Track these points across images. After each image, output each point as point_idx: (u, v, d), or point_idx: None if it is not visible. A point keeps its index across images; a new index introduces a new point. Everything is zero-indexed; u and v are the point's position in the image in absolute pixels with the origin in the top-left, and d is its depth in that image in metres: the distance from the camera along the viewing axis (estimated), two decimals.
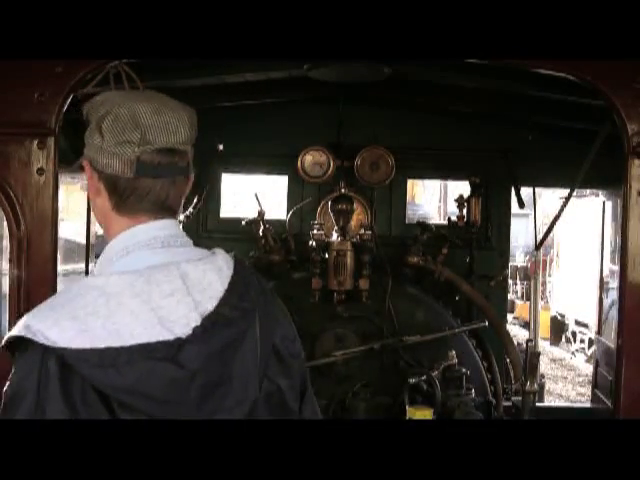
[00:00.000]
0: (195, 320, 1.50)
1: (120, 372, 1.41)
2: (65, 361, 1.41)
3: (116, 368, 1.41)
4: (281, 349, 1.69)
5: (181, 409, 1.49)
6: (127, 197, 1.59)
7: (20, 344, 1.44)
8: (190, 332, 1.48)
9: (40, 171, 2.55)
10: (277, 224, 4.45)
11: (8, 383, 1.46)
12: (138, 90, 1.70)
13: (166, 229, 1.63)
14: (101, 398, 1.44)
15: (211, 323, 1.51)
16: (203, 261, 1.62)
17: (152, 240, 1.60)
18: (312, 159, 4.30)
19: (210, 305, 1.53)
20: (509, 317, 16.35)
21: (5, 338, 1.47)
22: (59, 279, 2.70)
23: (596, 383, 4.68)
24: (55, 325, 1.42)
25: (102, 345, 1.41)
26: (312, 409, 1.80)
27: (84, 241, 4.53)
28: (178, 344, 1.46)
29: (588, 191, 11.46)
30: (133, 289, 1.47)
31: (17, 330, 1.43)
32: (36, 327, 1.42)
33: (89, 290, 1.47)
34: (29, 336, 1.41)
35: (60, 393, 1.42)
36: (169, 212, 1.64)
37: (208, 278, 1.58)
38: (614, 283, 4.49)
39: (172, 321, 1.47)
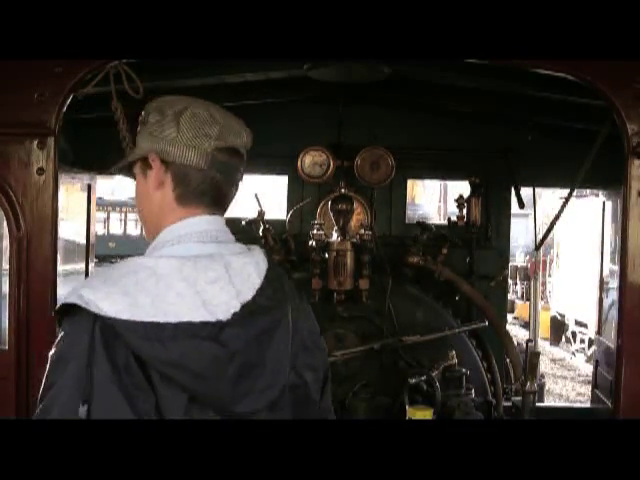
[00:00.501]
0: (235, 307, 1.61)
1: (165, 346, 1.51)
2: (114, 331, 1.51)
3: (161, 342, 1.52)
4: (308, 342, 1.80)
5: (219, 385, 1.58)
6: (194, 188, 1.70)
7: (71, 311, 1.55)
8: (230, 317, 1.59)
9: (40, 171, 2.55)
10: (277, 224, 4.45)
11: (55, 348, 1.56)
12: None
13: (216, 224, 1.75)
14: (143, 370, 1.53)
15: (249, 311, 1.63)
16: (243, 255, 1.73)
17: (203, 233, 1.71)
18: (312, 159, 4.29)
19: (249, 295, 1.65)
20: (509, 317, 16.35)
21: (59, 304, 1.58)
22: (59, 279, 2.71)
23: (596, 383, 4.68)
24: (107, 298, 1.53)
25: (149, 320, 1.52)
26: (327, 403, 1.89)
27: (83, 241, 4.53)
28: (219, 326, 1.57)
29: (588, 191, 11.46)
30: (181, 273, 1.58)
31: (72, 298, 1.54)
32: (89, 297, 1.53)
33: (140, 269, 1.59)
34: (82, 304, 1.52)
35: (106, 359, 1.51)
36: (221, 209, 1.77)
37: (247, 270, 1.69)
38: (614, 283, 4.49)
39: (215, 305, 1.58)
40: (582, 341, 16.50)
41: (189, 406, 1.58)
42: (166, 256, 1.65)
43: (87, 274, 4.50)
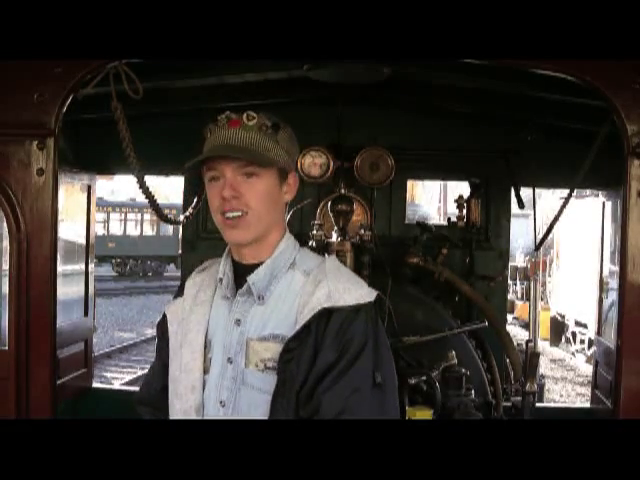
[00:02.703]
0: None
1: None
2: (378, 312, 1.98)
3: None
4: None
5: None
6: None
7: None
8: None
9: (40, 172, 2.55)
10: None
11: (354, 332, 1.89)
12: None
13: None
14: None
15: None
16: None
17: None
18: (312, 160, 4.29)
19: None
20: (509, 317, 16.36)
21: (372, 295, 1.97)
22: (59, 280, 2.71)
23: (596, 383, 4.67)
24: (371, 291, 1.99)
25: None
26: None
27: (83, 241, 4.53)
28: None
29: (588, 191, 11.48)
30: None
31: (372, 294, 1.97)
32: (371, 289, 1.99)
33: (340, 266, 2.08)
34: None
35: (382, 331, 1.99)
36: None
37: None
38: (614, 283, 4.49)
39: None
40: (582, 341, 16.50)
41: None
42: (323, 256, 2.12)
43: (87, 274, 4.50)
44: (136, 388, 2.79)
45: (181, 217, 3.31)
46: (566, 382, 14.23)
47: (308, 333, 1.87)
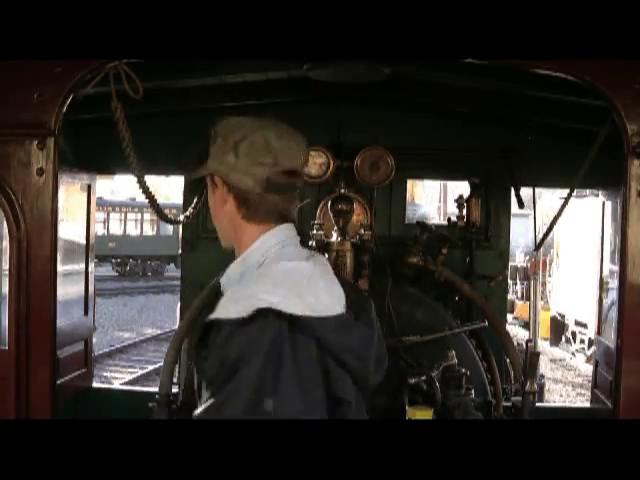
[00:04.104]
0: (343, 297, 1.82)
1: (345, 334, 1.75)
2: (299, 328, 1.69)
3: (347, 331, 1.76)
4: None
5: (368, 363, 1.83)
6: (256, 209, 1.88)
7: (255, 315, 1.67)
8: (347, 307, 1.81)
9: (40, 171, 2.55)
10: None
11: (232, 347, 1.66)
12: (262, 118, 1.94)
13: (291, 231, 1.94)
14: (320, 358, 1.72)
15: (349, 301, 1.83)
16: (315, 255, 1.97)
17: (289, 239, 1.91)
18: (312, 159, 4.29)
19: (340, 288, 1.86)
20: (509, 317, 16.35)
21: (248, 310, 1.67)
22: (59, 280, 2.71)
23: (596, 383, 4.67)
24: (285, 299, 1.69)
25: (323, 315, 1.72)
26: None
27: (83, 241, 4.53)
28: (352, 316, 1.81)
29: (588, 191, 11.47)
30: (316, 272, 1.81)
31: (260, 303, 1.67)
32: (272, 300, 1.68)
33: (290, 272, 1.78)
34: (272, 307, 1.67)
35: (290, 349, 1.67)
36: (288, 219, 1.95)
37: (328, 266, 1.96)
38: (614, 283, 4.49)
39: (339, 297, 1.81)
40: (582, 341, 16.50)
41: (353, 386, 1.79)
42: (296, 260, 1.84)
43: (87, 274, 4.50)
44: (136, 388, 2.79)
45: (181, 217, 3.31)
46: (566, 382, 14.23)
47: (209, 343, 1.76)
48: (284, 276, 1.77)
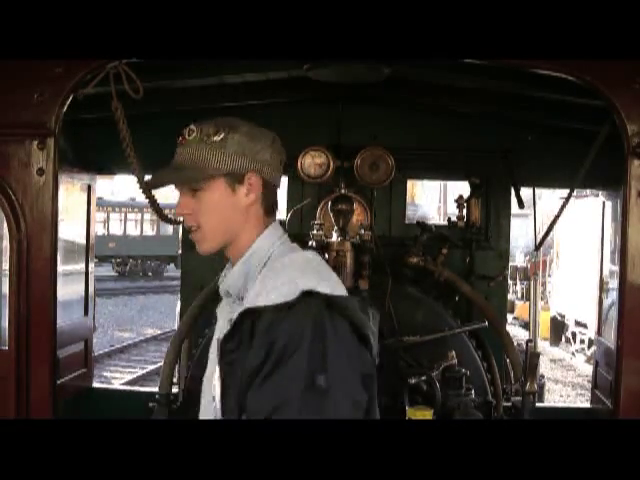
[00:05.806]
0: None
1: (364, 312, 1.84)
2: (334, 306, 1.78)
3: (363, 311, 1.84)
4: None
5: (376, 342, 1.90)
6: (272, 203, 2.02)
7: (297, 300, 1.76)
8: None
9: (40, 172, 2.55)
10: None
11: (279, 332, 1.72)
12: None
13: (280, 225, 2.06)
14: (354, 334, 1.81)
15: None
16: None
17: (283, 234, 2.02)
18: (312, 159, 4.28)
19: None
20: (509, 317, 16.36)
21: (294, 293, 1.76)
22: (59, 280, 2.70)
23: (596, 383, 4.67)
24: (318, 282, 1.80)
25: (345, 294, 1.86)
26: None
27: (83, 241, 4.53)
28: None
29: (588, 191, 11.47)
30: (321, 260, 1.95)
31: (300, 286, 1.77)
32: (309, 283, 1.78)
33: (307, 261, 1.91)
34: (312, 289, 1.76)
35: (332, 327, 1.75)
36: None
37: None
38: (614, 283, 4.49)
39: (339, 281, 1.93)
40: (582, 341, 16.50)
41: (373, 361, 1.87)
42: (305, 250, 1.99)
43: (87, 274, 4.50)
44: (136, 388, 2.79)
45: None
46: (566, 382, 14.23)
47: (241, 334, 1.80)
48: (305, 263, 1.89)
